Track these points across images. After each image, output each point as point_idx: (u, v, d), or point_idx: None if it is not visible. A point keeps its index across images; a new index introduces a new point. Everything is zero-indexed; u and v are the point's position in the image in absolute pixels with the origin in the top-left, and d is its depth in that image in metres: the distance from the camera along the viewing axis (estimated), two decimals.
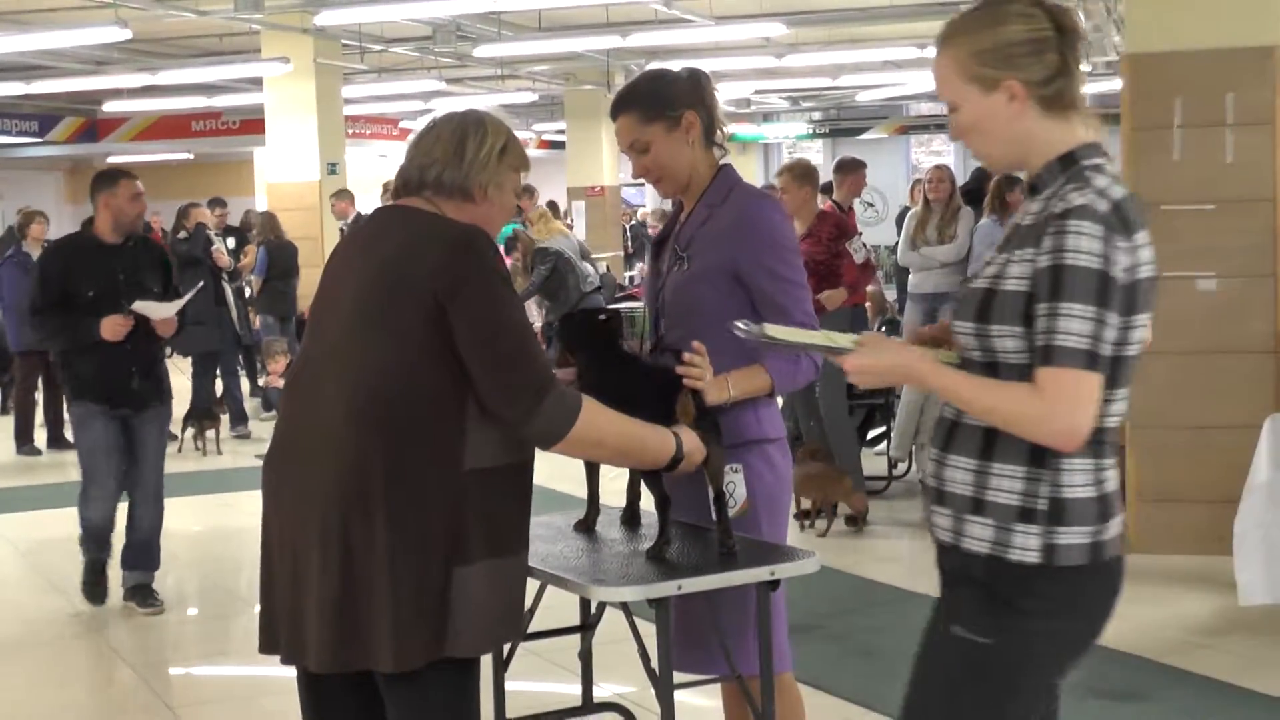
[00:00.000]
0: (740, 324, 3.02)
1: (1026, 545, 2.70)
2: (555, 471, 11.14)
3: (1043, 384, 2.60)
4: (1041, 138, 2.77)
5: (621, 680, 5.51)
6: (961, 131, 2.85)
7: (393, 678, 3.23)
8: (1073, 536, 2.69)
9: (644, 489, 3.79)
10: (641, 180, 3.99)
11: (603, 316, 3.87)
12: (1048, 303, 2.60)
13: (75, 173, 31.75)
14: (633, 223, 28.42)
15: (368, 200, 16.36)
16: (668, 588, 3.45)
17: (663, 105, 3.78)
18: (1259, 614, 6.48)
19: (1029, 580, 2.72)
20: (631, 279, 22.51)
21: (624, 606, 3.69)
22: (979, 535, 2.74)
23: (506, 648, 4.31)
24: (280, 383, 13.34)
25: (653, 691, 3.73)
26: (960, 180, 11.97)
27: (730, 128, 4.02)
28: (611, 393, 3.62)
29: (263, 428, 13.79)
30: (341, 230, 14.33)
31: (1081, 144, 2.76)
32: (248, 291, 15.15)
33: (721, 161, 3.91)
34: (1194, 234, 7.79)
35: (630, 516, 4.02)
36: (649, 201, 31.72)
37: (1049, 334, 2.59)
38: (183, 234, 13.78)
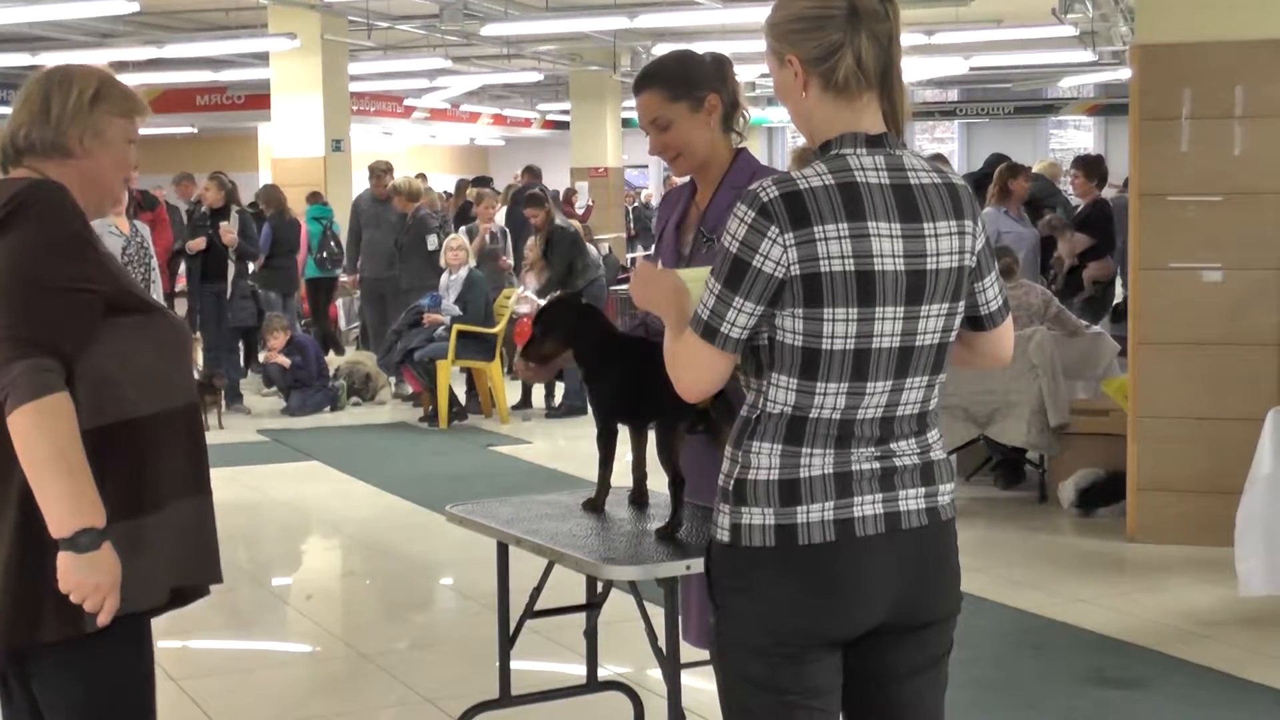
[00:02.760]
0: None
1: (722, 524, 2.76)
2: (559, 452, 11.22)
3: (683, 338, 2.75)
4: (820, 118, 2.78)
5: (626, 660, 5.52)
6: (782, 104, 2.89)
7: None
8: (754, 517, 2.71)
9: (653, 468, 3.81)
10: (645, 164, 4.01)
11: (585, 301, 3.92)
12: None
13: None
14: (636, 204, 28.42)
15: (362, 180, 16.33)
16: (676, 568, 3.47)
17: (688, 85, 3.81)
18: (1259, 605, 6.48)
19: (722, 560, 2.77)
20: (634, 261, 22.50)
21: (632, 586, 3.71)
22: (712, 518, 2.84)
23: (513, 625, 4.33)
24: (280, 359, 13.36)
25: (658, 671, 3.75)
26: (972, 167, 11.94)
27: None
28: (624, 377, 3.63)
29: (262, 403, 13.81)
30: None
31: (849, 132, 2.75)
32: (251, 268, 15.11)
33: (739, 146, 3.93)
34: (1201, 225, 7.79)
35: (638, 496, 4.03)
36: (652, 184, 31.71)
37: (700, 301, 2.72)
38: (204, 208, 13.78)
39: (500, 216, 15.73)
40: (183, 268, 14.81)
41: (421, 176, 19.30)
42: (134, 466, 3.01)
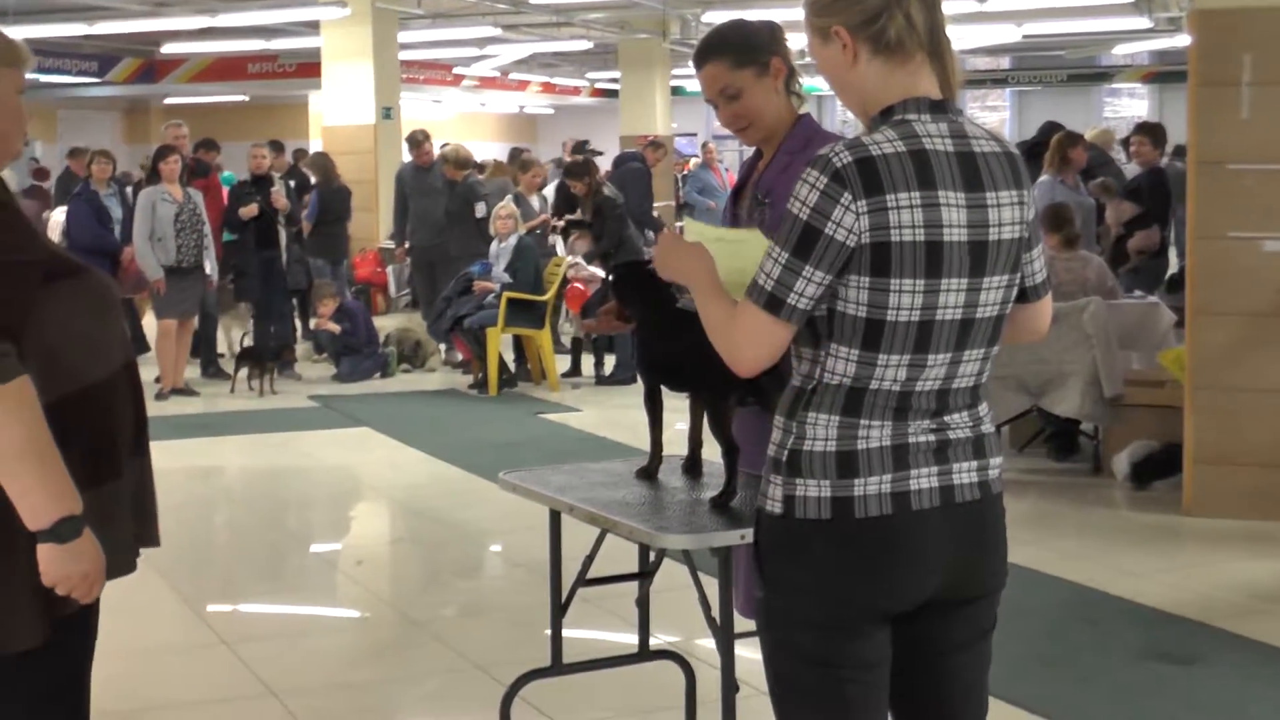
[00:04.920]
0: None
1: (774, 496, 2.72)
2: (609, 420, 11.22)
3: (737, 310, 2.69)
4: (874, 84, 2.73)
5: (678, 629, 5.50)
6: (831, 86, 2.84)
7: None
8: (810, 489, 2.67)
9: (707, 435, 3.79)
10: (694, 133, 3.97)
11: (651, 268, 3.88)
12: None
13: (132, 113, 31.87)
14: (688, 173, 28.31)
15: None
16: (731, 537, 3.44)
17: (753, 51, 3.77)
18: None
19: (774, 532, 2.73)
20: (683, 229, 22.42)
21: (685, 555, 3.68)
22: (761, 489, 2.79)
23: (564, 593, 4.31)
24: (330, 325, 13.40)
25: (710, 641, 3.73)
26: (1024, 135, 11.86)
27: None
28: (670, 346, 3.60)
29: (313, 369, 13.85)
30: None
31: (912, 97, 2.70)
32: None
33: (800, 110, 3.89)
34: (1262, 194, 7.68)
35: (692, 465, 4.00)
36: (702, 153, 31.58)
37: (760, 270, 2.66)
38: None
39: (549, 189, 15.72)
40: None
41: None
42: (92, 436, 2.85)
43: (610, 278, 3.99)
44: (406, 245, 14.86)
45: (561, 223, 14.09)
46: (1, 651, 2.77)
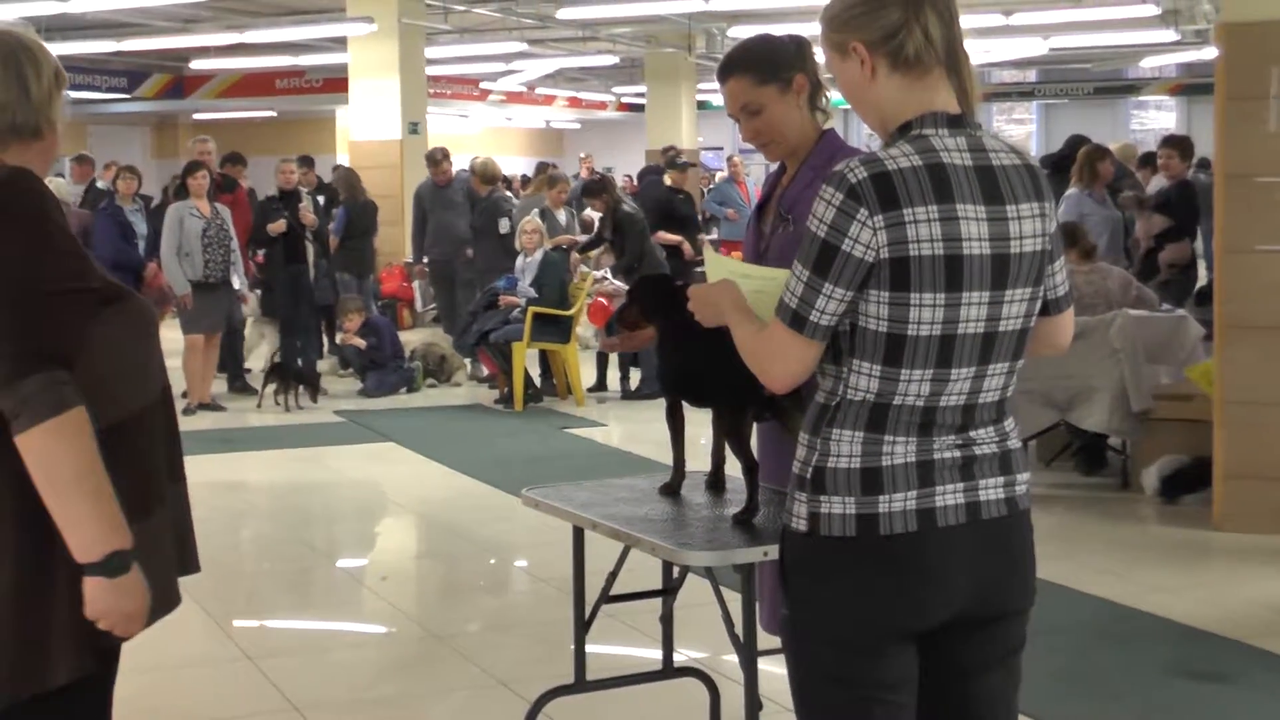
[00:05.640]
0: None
1: (799, 513, 2.70)
2: (634, 434, 11.19)
3: (767, 330, 2.70)
4: (893, 100, 2.72)
5: (702, 646, 5.48)
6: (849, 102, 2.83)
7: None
8: (834, 506, 2.65)
9: (729, 453, 3.77)
10: (720, 146, 3.96)
11: (676, 282, 3.88)
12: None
13: (161, 128, 32.03)
14: (711, 187, 28.33)
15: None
16: (753, 554, 3.42)
17: (776, 68, 3.76)
18: None
19: (799, 549, 2.72)
20: (712, 242, 22.45)
21: (708, 571, 3.67)
22: (786, 506, 2.78)
23: (588, 609, 4.29)
24: (356, 340, 13.42)
25: (734, 657, 3.71)
26: (1051, 148, 11.83)
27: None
28: (693, 362, 3.59)
29: (339, 384, 13.87)
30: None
31: (929, 112, 2.69)
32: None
33: (824, 126, 3.88)
34: None
35: (715, 481, 3.99)
36: (727, 166, 31.59)
37: (785, 288, 2.67)
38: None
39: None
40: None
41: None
42: (137, 466, 2.81)
43: (630, 293, 3.98)
44: (425, 260, 14.89)
45: (578, 254, 14.08)
46: (39, 689, 2.73)
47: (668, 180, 15.83)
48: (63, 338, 2.67)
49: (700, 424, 3.89)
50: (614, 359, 13.34)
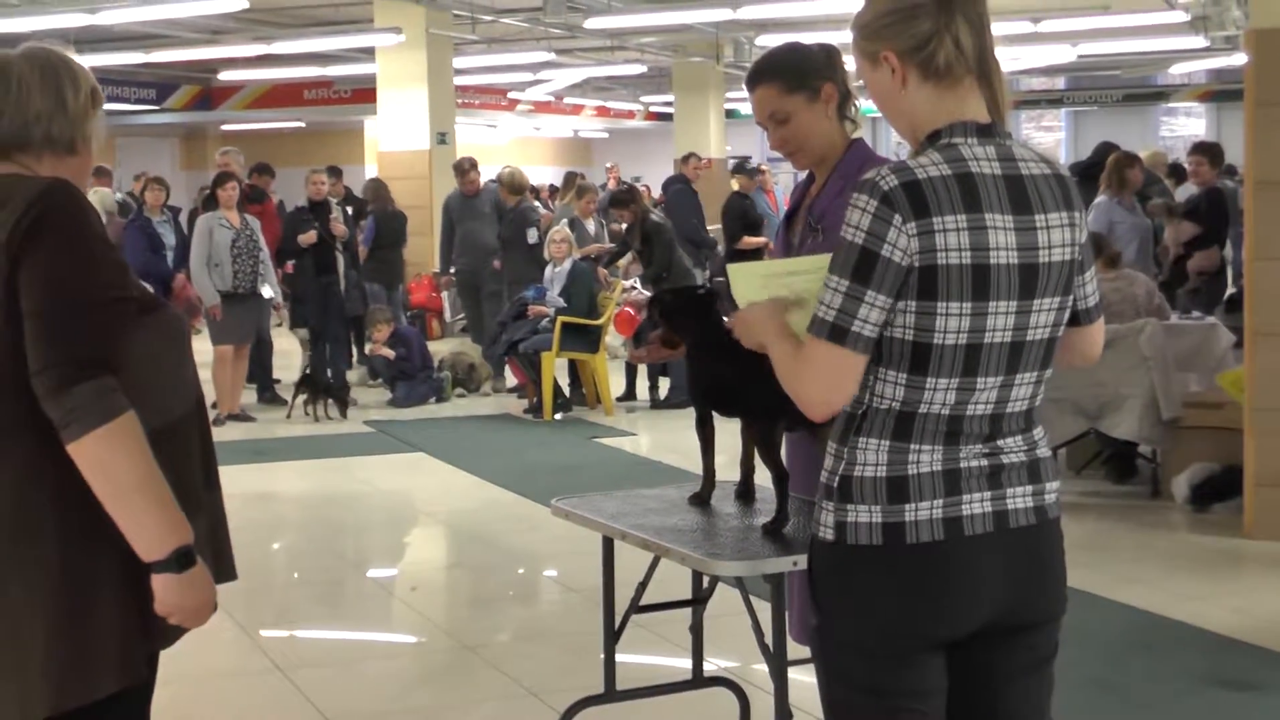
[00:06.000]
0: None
1: (826, 522, 2.70)
2: (663, 444, 11.19)
3: (803, 349, 2.64)
4: (923, 110, 2.72)
5: (732, 655, 5.48)
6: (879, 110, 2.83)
7: None
8: (861, 515, 2.65)
9: (759, 462, 3.77)
10: (748, 156, 3.96)
11: (700, 291, 3.87)
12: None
13: (190, 139, 32.16)
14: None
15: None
16: (783, 563, 3.43)
17: (804, 76, 3.76)
18: None
19: (827, 558, 2.71)
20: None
21: (739, 581, 3.67)
22: (814, 515, 2.78)
23: (618, 619, 4.30)
24: (385, 351, 13.45)
25: (764, 667, 3.71)
26: (1080, 156, 11.80)
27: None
28: (723, 372, 3.59)
29: (368, 394, 13.90)
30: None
31: (959, 121, 2.69)
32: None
33: (853, 135, 3.88)
34: None
35: (745, 490, 3.99)
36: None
37: (819, 303, 2.62)
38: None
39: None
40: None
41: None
42: (175, 475, 2.81)
43: (658, 304, 3.98)
44: (452, 270, 14.91)
45: (603, 268, 14.10)
46: (85, 701, 2.75)
47: (735, 185, 16.17)
48: (107, 346, 2.71)
49: (733, 433, 3.89)
50: (643, 368, 13.35)
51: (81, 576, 2.73)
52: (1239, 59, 20.06)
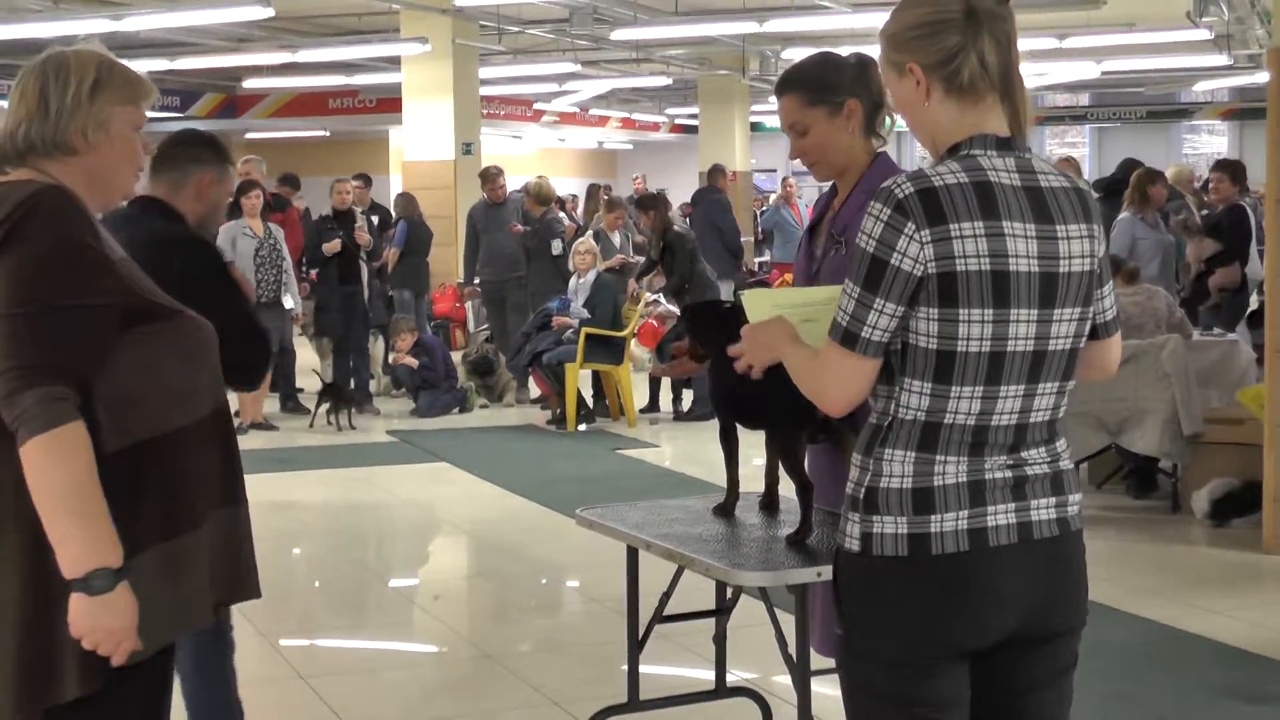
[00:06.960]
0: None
1: (852, 533, 2.73)
2: (686, 455, 11.21)
3: (821, 352, 2.73)
4: (945, 124, 2.75)
5: (755, 666, 5.51)
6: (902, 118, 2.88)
7: None
8: (886, 526, 2.67)
9: (783, 473, 3.81)
10: (773, 168, 3.99)
11: (727, 306, 3.90)
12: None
13: None
14: (765, 209, 28.35)
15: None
16: (807, 574, 3.46)
17: (827, 90, 3.77)
18: None
19: (852, 569, 2.74)
20: (763, 264, 22.48)
21: (762, 592, 3.70)
22: (839, 526, 2.81)
23: (641, 629, 4.33)
24: (408, 360, 13.49)
25: (787, 678, 3.74)
26: (1103, 172, 11.80)
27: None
28: (747, 384, 3.63)
29: (391, 404, 13.95)
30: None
31: (979, 134, 2.72)
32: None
33: (879, 149, 3.89)
34: None
35: (769, 501, 4.02)
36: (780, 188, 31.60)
37: (838, 308, 2.70)
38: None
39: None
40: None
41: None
42: (170, 484, 2.82)
43: (684, 316, 4.02)
44: (476, 281, 14.92)
45: (634, 280, 14.14)
46: (49, 703, 2.74)
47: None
48: (70, 353, 2.69)
49: (756, 445, 3.93)
50: (666, 380, 13.37)
51: (41, 580, 2.72)
52: (1261, 77, 20.05)
